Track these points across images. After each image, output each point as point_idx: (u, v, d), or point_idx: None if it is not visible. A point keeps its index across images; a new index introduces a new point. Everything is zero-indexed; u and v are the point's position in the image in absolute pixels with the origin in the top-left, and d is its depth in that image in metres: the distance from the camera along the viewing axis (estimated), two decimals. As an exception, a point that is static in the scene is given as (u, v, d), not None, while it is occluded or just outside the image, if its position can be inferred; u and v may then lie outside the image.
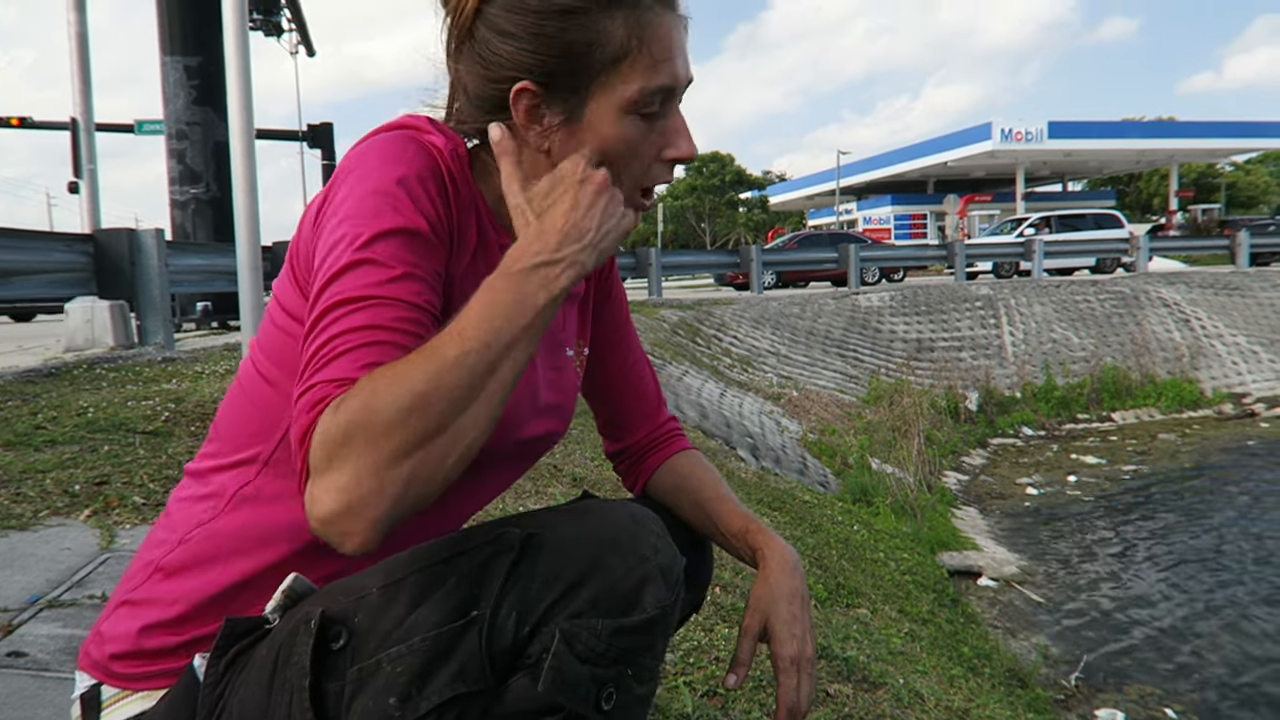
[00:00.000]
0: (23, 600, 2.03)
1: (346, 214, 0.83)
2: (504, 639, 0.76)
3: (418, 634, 0.76)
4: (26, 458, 3.09)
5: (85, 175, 8.92)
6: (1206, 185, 52.51)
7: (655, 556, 0.82)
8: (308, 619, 0.79)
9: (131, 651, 0.91)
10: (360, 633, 0.78)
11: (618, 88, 0.90)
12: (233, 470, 0.95)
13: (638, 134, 0.92)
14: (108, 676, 0.92)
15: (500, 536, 0.80)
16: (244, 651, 0.84)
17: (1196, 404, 13.74)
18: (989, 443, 11.62)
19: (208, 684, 0.84)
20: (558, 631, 0.77)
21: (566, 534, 0.81)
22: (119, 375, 4.97)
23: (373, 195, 0.84)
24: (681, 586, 0.86)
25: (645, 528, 0.84)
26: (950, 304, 14.88)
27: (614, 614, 0.79)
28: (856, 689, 2.54)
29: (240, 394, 0.97)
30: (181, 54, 10.75)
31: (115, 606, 0.95)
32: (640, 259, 14.54)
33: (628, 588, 0.80)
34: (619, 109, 0.91)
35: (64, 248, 6.40)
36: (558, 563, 0.79)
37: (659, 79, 0.91)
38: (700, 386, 8.77)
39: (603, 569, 0.79)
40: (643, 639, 0.80)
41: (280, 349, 0.92)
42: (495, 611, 0.76)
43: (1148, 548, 7.53)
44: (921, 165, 40.36)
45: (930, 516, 7.31)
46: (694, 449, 1.27)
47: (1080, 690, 4.88)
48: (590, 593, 0.78)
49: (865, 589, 4.32)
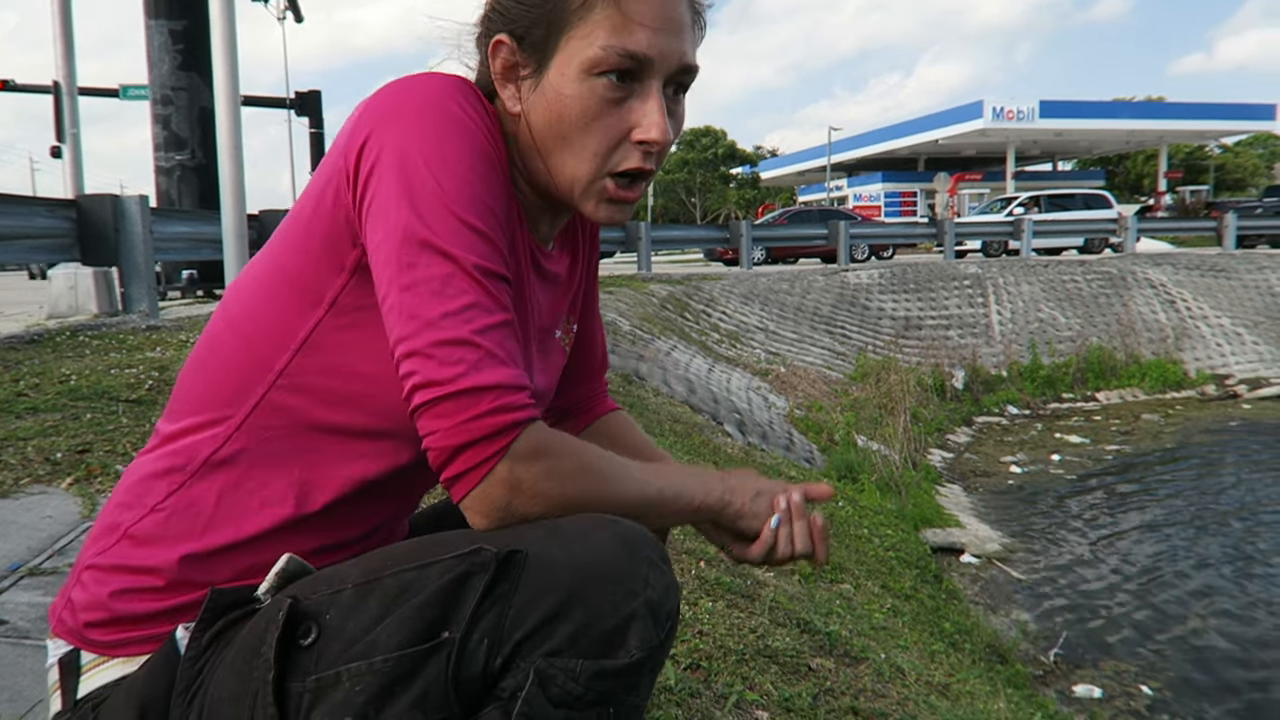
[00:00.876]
0: (3, 568, 2.01)
1: (438, 189, 0.81)
2: (473, 667, 0.73)
3: (380, 652, 0.73)
4: (7, 425, 3.06)
5: (68, 139, 8.81)
6: (1195, 167, 52.63)
7: (644, 590, 0.76)
8: (279, 608, 0.77)
9: (107, 619, 0.89)
10: (328, 632, 0.75)
11: (583, 44, 0.86)
12: (201, 433, 0.91)
13: (599, 104, 0.88)
14: (84, 643, 0.90)
15: (476, 552, 0.75)
16: (228, 627, 0.82)
17: (1180, 385, 13.85)
18: (974, 421, 11.69)
19: (188, 657, 0.82)
20: (532, 671, 0.73)
21: (549, 555, 0.76)
22: (102, 343, 4.93)
23: (460, 168, 0.83)
24: (675, 619, 0.81)
25: (637, 554, 0.78)
26: (939, 282, 14.91)
27: (594, 654, 0.74)
28: (838, 663, 2.56)
29: (212, 353, 0.93)
30: (166, 17, 10.57)
31: (82, 570, 0.92)
32: (630, 233, 14.49)
33: (611, 625, 0.74)
34: (581, 68, 0.87)
35: (46, 213, 6.31)
36: (537, 589, 0.74)
37: (627, 41, 0.86)
38: (688, 362, 8.77)
39: (585, 602, 0.74)
40: (625, 681, 0.76)
41: (268, 312, 0.89)
42: (466, 636, 0.73)
43: (1129, 527, 7.61)
44: (912, 143, 40.28)
45: (915, 493, 7.36)
46: (622, 410, 1.25)
47: (1059, 666, 4.95)
48: (569, 628, 0.73)
49: (849, 565, 4.35)
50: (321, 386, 0.89)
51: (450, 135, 0.83)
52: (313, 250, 0.87)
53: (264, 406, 0.89)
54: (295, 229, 0.89)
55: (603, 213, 0.93)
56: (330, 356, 0.88)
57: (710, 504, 0.93)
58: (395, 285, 0.80)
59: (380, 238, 0.81)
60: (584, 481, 0.83)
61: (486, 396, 0.77)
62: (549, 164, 0.91)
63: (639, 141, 0.89)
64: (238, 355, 0.90)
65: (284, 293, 0.88)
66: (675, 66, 0.90)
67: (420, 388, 0.78)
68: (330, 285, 0.87)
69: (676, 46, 0.89)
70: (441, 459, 0.79)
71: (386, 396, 0.87)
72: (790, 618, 2.73)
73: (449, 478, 0.79)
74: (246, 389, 0.89)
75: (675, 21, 0.88)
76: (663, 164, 0.96)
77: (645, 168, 0.91)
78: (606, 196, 0.92)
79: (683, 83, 0.93)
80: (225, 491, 0.90)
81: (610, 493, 0.84)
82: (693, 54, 0.92)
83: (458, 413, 0.77)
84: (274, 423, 0.89)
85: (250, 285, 0.92)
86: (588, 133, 0.88)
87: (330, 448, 0.90)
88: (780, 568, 1.00)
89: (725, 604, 2.56)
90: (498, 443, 0.78)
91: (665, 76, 0.89)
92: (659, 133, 0.88)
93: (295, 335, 0.88)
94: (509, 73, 0.91)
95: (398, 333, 0.79)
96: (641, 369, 7.47)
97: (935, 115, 38.99)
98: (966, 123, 36.11)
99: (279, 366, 0.88)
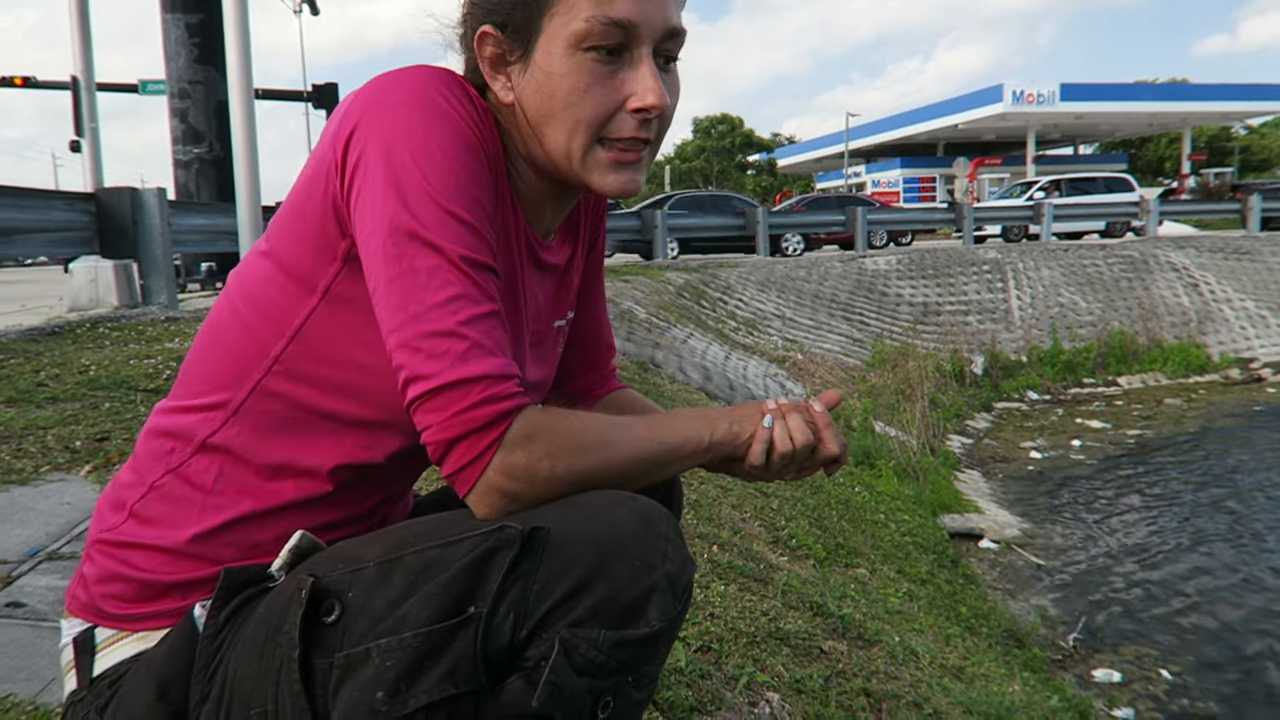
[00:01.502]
0: (22, 553, 2.05)
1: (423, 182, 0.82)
2: (500, 640, 0.74)
3: (409, 628, 0.74)
4: (28, 414, 3.11)
5: (87, 134, 8.87)
6: (1220, 149, 51.88)
7: (663, 564, 0.79)
8: (300, 586, 0.78)
9: (121, 593, 0.90)
10: (352, 609, 0.76)
11: (566, 20, 0.86)
12: (200, 414, 0.92)
13: (590, 76, 0.87)
14: (100, 618, 0.91)
15: (501, 529, 0.77)
16: (245, 604, 0.84)
17: (1203, 369, 13.69)
18: (994, 407, 11.61)
19: (206, 635, 0.83)
20: (557, 641, 0.74)
21: (571, 532, 0.78)
22: (122, 334, 4.98)
23: (445, 160, 0.83)
24: (690, 592, 0.83)
25: (654, 529, 0.80)
26: (957, 268, 14.80)
27: (616, 625, 0.76)
28: (851, 646, 2.56)
29: (212, 336, 0.95)
30: (182, 11, 10.63)
31: (91, 545, 0.94)
32: (646, 221, 14.46)
33: (632, 597, 0.77)
34: (568, 43, 0.87)
35: (65, 206, 6.37)
36: (560, 564, 0.76)
37: (609, 9, 0.86)
38: (705, 349, 8.77)
39: (607, 575, 0.76)
40: (645, 650, 0.78)
41: (266, 299, 0.90)
42: (493, 611, 0.74)
43: (1150, 512, 7.55)
44: (931, 128, 39.94)
45: (933, 479, 7.33)
46: (629, 387, 1.26)
47: (1078, 651, 4.92)
48: (592, 600, 0.75)
49: (864, 549, 4.34)
50: (316, 373, 0.90)
51: (435, 127, 0.83)
52: (306, 239, 0.88)
53: (260, 391, 0.90)
54: (289, 218, 0.90)
55: (613, 182, 0.92)
56: (324, 344, 0.89)
57: (719, 439, 0.91)
58: (383, 277, 0.81)
59: (368, 230, 0.82)
60: (585, 455, 0.83)
61: (475, 388, 0.78)
62: (546, 146, 0.91)
63: (635, 110, 0.89)
64: (238, 340, 0.92)
65: (280, 280, 0.90)
66: (661, 30, 0.89)
67: (411, 381, 0.79)
68: (323, 274, 0.88)
69: (660, 10, 0.88)
70: (439, 454, 0.80)
71: (380, 384, 0.88)
72: (803, 601, 2.73)
73: (449, 474, 0.81)
74: (244, 373, 0.91)
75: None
76: (664, 135, 0.94)
77: (641, 135, 0.90)
78: (609, 163, 0.91)
79: (671, 52, 0.92)
80: (223, 471, 0.91)
81: (614, 458, 0.85)
82: (677, 16, 0.91)
83: (448, 406, 0.78)
84: (270, 407, 0.90)
85: (250, 272, 0.93)
86: (580, 106, 0.88)
87: (326, 432, 0.91)
88: (790, 477, 0.96)
89: (737, 587, 2.57)
90: (491, 433, 0.79)
91: (653, 42, 0.89)
92: (655, 98, 0.88)
93: (290, 323, 0.89)
94: (498, 63, 0.92)
95: (387, 325, 0.81)
96: (658, 356, 7.47)
97: (954, 100, 38.63)
98: (986, 107, 35.75)
99: (275, 353, 0.90)
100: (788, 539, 3.57)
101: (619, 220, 14.68)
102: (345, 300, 0.88)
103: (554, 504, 0.81)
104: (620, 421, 0.89)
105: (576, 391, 1.21)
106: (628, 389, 1.26)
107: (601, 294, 1.21)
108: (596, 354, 1.22)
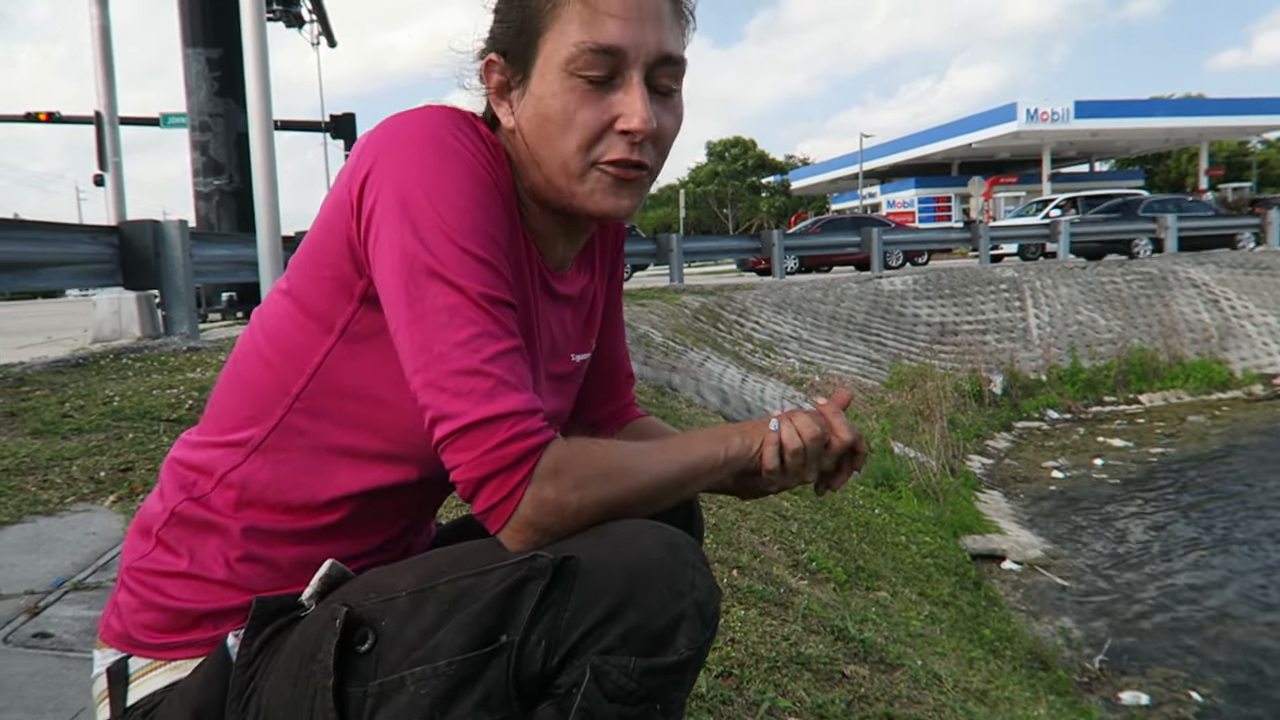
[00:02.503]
0: (49, 583, 2.07)
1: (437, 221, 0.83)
2: (532, 667, 0.76)
3: (444, 656, 0.75)
4: (54, 445, 3.15)
5: (110, 168, 9.01)
6: (1238, 163, 51.57)
7: (691, 592, 0.80)
8: (334, 616, 0.79)
9: (155, 622, 0.91)
10: (386, 638, 0.78)
11: (557, 44, 0.88)
12: (223, 449, 0.94)
13: (579, 99, 0.89)
14: (134, 647, 0.92)
15: (533, 559, 0.78)
16: (278, 633, 0.85)
17: (1226, 385, 13.54)
18: (1014, 426, 11.53)
19: (240, 664, 0.85)
20: (588, 668, 0.76)
21: (600, 560, 0.79)
22: (145, 365, 5.04)
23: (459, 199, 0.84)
24: (717, 619, 0.84)
25: (682, 557, 0.81)
26: (974, 287, 14.74)
27: (647, 652, 0.77)
28: (873, 670, 2.54)
29: (236, 373, 0.96)
30: (203, 46, 10.83)
31: (125, 573, 0.96)
32: (661, 245, 14.51)
33: (662, 625, 0.78)
34: (560, 68, 0.88)
35: (89, 239, 6.47)
36: (590, 592, 0.77)
37: (599, 35, 0.87)
38: (721, 372, 8.76)
39: (637, 603, 0.77)
40: (674, 677, 0.79)
41: (287, 337, 0.92)
42: (525, 639, 0.76)
43: (1175, 531, 7.46)
44: (945, 147, 39.95)
45: (953, 500, 7.27)
46: (649, 414, 1.26)
47: (1104, 673, 4.85)
48: (623, 628, 0.77)
49: (885, 572, 4.32)
50: (336, 410, 0.91)
51: (449, 166, 0.85)
52: (323, 279, 0.90)
53: (282, 428, 0.92)
54: (307, 258, 0.92)
55: (606, 202, 0.92)
56: (343, 381, 0.90)
57: (734, 453, 0.92)
58: (404, 318, 0.82)
59: (387, 271, 0.83)
60: (610, 483, 0.84)
61: (503, 425, 0.80)
62: (543, 169, 0.92)
63: (623, 131, 0.89)
64: (260, 377, 0.93)
65: (299, 319, 0.91)
66: (653, 56, 0.90)
67: (438, 420, 0.80)
68: (341, 313, 0.89)
69: (651, 36, 0.89)
70: (469, 492, 0.81)
71: (398, 419, 0.89)
72: (824, 625, 2.72)
73: (481, 511, 0.82)
74: (267, 410, 0.92)
75: (647, 10, 0.89)
76: (663, 161, 0.95)
77: (632, 158, 0.91)
78: (602, 186, 0.92)
79: (667, 79, 0.93)
80: (244, 502, 0.92)
81: (637, 484, 0.86)
82: (674, 44, 0.92)
83: (477, 444, 0.79)
84: (292, 443, 0.92)
85: (272, 310, 0.95)
86: (570, 128, 0.89)
87: (347, 466, 0.92)
88: (812, 478, 0.96)
89: (758, 612, 2.56)
90: (520, 470, 0.80)
91: (645, 67, 0.90)
92: (639, 121, 0.89)
93: (310, 360, 0.91)
94: (502, 90, 0.94)
95: (411, 365, 0.82)
96: (675, 380, 7.47)
97: (968, 119, 38.66)
98: (1000, 125, 35.75)
99: (295, 390, 0.91)
100: (808, 562, 3.56)
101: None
102: (363, 339, 0.89)
103: (583, 532, 0.83)
104: (638, 448, 0.90)
105: (597, 420, 1.22)
106: (648, 416, 1.26)
107: (620, 323, 1.22)
108: (616, 383, 1.23)
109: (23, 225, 5.81)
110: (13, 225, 5.63)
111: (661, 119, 0.92)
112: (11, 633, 1.82)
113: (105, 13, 8.63)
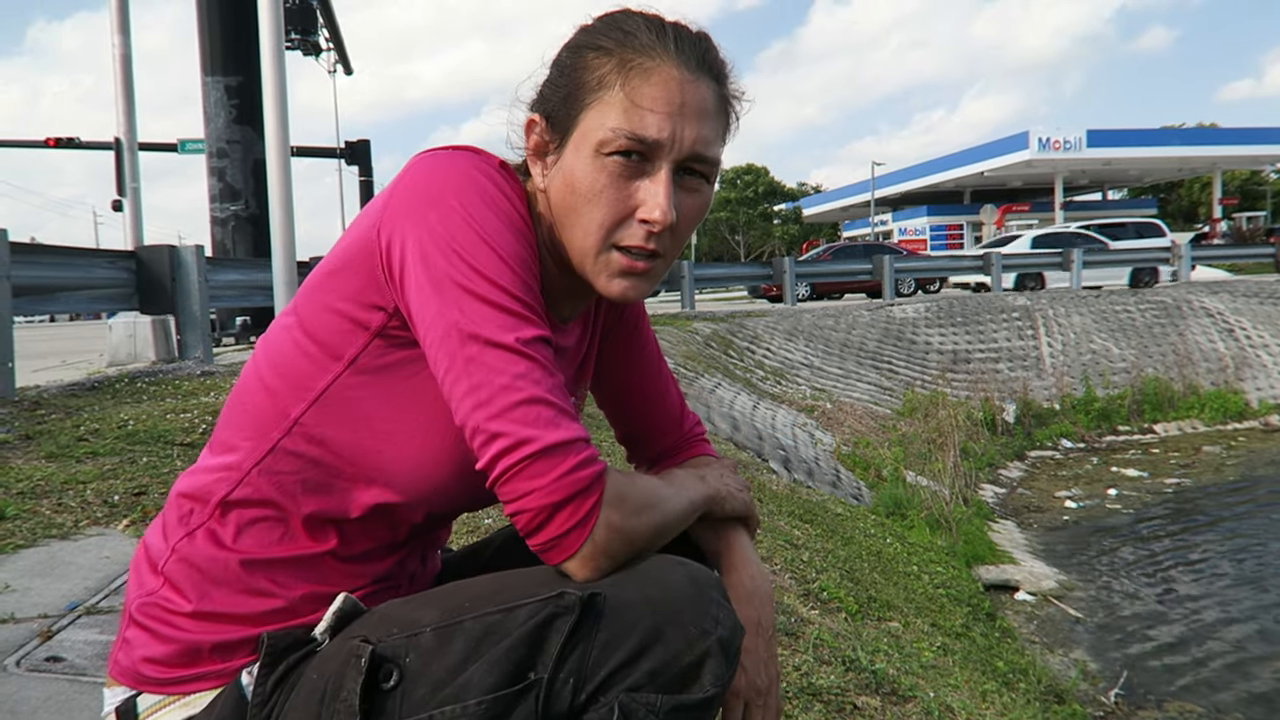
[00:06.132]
0: (62, 607, 2.08)
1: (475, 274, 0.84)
2: (560, 705, 0.76)
3: (474, 695, 0.75)
4: (68, 469, 3.17)
5: (129, 193, 9.12)
6: (1252, 192, 51.44)
7: (716, 629, 0.80)
8: (358, 654, 0.79)
9: (161, 657, 0.91)
10: (411, 675, 0.77)
11: (596, 124, 0.89)
12: (217, 474, 0.94)
13: (607, 180, 0.89)
14: (142, 683, 0.91)
15: (560, 596, 0.78)
16: (292, 669, 0.84)
17: (1241, 415, 13.44)
18: (1027, 455, 11.45)
19: (255, 702, 0.84)
20: (616, 706, 0.76)
21: (625, 597, 0.79)
22: (159, 389, 5.08)
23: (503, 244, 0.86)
24: (740, 656, 0.85)
25: (706, 594, 0.82)
26: (987, 315, 14.72)
27: (673, 689, 0.77)
28: (885, 701, 2.52)
29: (239, 401, 0.96)
30: (222, 74, 10.98)
31: (130, 609, 0.95)
32: (673, 272, 14.51)
33: (688, 662, 0.78)
34: (594, 147, 0.89)
35: (107, 264, 6.54)
36: (618, 630, 0.78)
37: (636, 125, 0.88)
38: (733, 399, 8.75)
39: (663, 640, 0.78)
40: (699, 714, 0.80)
41: (291, 363, 0.92)
42: (553, 677, 0.76)
43: (1191, 562, 7.38)
44: (957, 175, 40.01)
45: (966, 530, 7.22)
46: (712, 454, 1.22)
47: (1120, 707, 4.79)
48: (650, 665, 0.77)
49: (897, 602, 4.28)
50: (335, 437, 0.91)
51: (485, 208, 0.86)
52: (336, 310, 0.90)
53: (278, 452, 0.92)
54: (320, 287, 0.92)
55: (615, 287, 0.93)
56: (345, 410, 0.91)
57: (709, 495, 1.01)
58: (457, 359, 0.82)
59: (430, 317, 0.83)
60: (654, 512, 0.87)
61: (571, 451, 0.80)
62: (564, 236, 0.94)
63: (642, 220, 0.90)
64: (259, 403, 0.93)
65: (306, 345, 0.91)
66: (685, 153, 0.90)
67: (507, 451, 0.80)
68: (350, 345, 0.90)
69: (690, 133, 0.90)
70: (541, 519, 0.80)
71: (395, 453, 0.90)
72: (835, 655, 2.70)
73: (551, 538, 0.81)
74: (263, 433, 0.92)
75: (690, 108, 0.89)
76: (679, 248, 0.96)
77: (647, 247, 0.91)
78: (616, 269, 0.93)
79: (697, 175, 0.93)
80: (241, 531, 0.92)
81: (668, 517, 0.90)
82: (712, 144, 0.92)
83: (550, 470, 0.79)
84: (288, 467, 0.92)
85: (277, 338, 0.95)
86: (594, 206, 0.90)
87: (343, 493, 0.92)
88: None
89: (768, 642, 2.54)
90: (594, 494, 0.81)
91: (675, 161, 0.90)
92: (660, 214, 0.89)
93: (313, 387, 0.91)
94: (540, 150, 0.95)
95: (470, 402, 0.81)
96: (685, 407, 7.45)
97: (980, 147, 38.73)
98: (1012, 154, 35.80)
99: (295, 415, 0.91)
100: (819, 591, 3.53)
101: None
102: (370, 371, 0.90)
103: None
104: (658, 480, 0.95)
105: (660, 453, 1.21)
106: (705, 457, 1.21)
107: (657, 354, 1.22)
108: (667, 412, 1.21)
109: (42, 250, 5.87)
110: (32, 250, 5.70)
111: (684, 208, 0.92)
112: (24, 656, 1.82)
113: (127, 41, 8.78)
